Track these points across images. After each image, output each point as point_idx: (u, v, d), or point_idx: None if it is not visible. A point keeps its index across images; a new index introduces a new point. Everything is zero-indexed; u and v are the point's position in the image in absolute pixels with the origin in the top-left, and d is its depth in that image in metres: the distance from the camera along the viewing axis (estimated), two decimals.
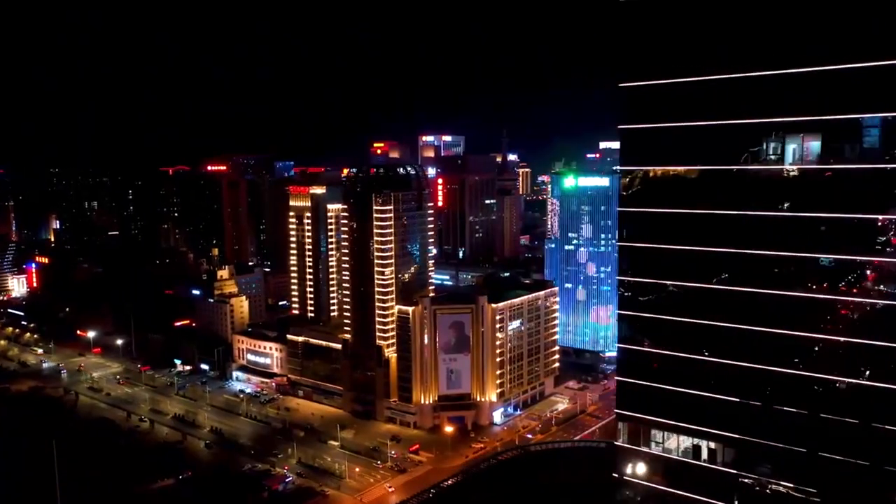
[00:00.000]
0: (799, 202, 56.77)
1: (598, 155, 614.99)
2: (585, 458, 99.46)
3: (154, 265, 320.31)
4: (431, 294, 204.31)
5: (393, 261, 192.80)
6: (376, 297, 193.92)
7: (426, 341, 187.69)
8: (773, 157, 55.96)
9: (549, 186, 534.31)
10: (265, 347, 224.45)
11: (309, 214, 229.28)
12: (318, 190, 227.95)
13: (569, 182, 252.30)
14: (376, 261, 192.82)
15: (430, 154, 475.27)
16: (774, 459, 57.19)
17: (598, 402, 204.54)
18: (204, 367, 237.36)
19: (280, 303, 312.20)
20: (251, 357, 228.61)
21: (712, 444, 57.99)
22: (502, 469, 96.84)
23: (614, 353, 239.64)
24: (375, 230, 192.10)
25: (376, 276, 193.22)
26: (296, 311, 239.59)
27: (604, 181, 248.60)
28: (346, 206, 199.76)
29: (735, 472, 58.55)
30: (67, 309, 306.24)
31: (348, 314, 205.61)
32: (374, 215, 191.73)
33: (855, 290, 57.07)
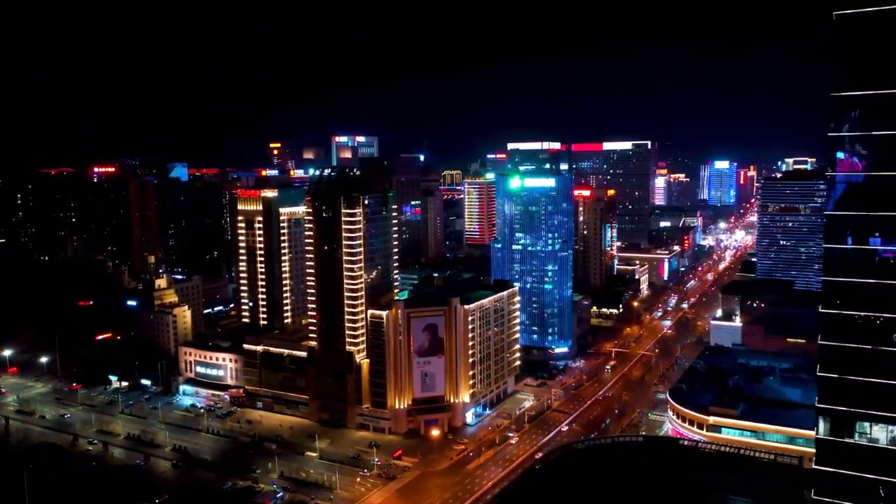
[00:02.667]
0: None
1: (504, 155, 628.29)
2: (628, 452, 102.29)
3: (65, 275, 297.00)
4: (397, 297, 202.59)
5: (363, 265, 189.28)
6: (345, 302, 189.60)
7: (400, 345, 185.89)
8: None
9: (464, 186, 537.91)
10: (217, 358, 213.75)
11: (260, 219, 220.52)
12: (271, 193, 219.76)
13: (515, 183, 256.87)
14: (346, 265, 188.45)
15: (348, 155, 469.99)
16: None
17: (563, 397, 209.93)
18: (145, 382, 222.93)
19: (205, 310, 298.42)
20: (201, 369, 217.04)
21: None
22: (554, 470, 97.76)
23: (564, 349, 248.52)
24: (344, 234, 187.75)
25: (346, 281, 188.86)
26: (246, 320, 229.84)
27: (549, 182, 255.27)
28: (310, 210, 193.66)
29: None
30: None
31: (309, 320, 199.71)
32: (343, 219, 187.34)
33: None
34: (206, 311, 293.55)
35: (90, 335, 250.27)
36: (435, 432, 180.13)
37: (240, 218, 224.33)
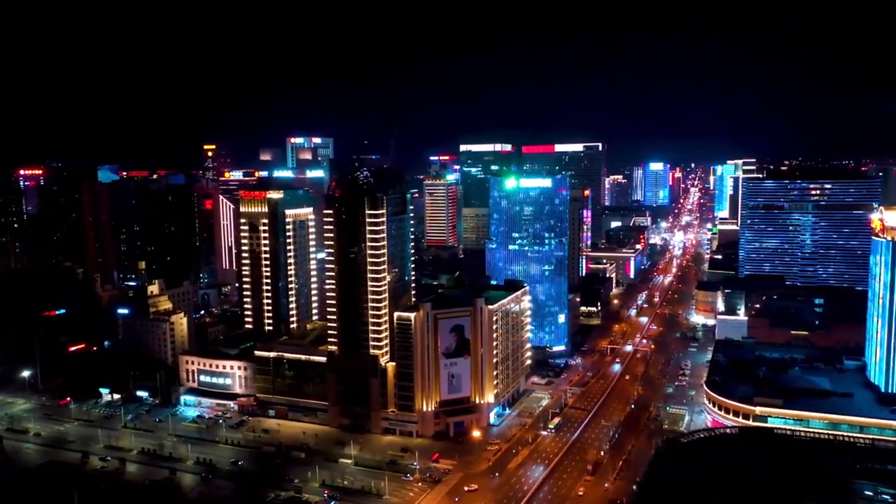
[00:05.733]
0: None
1: (448, 157, 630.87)
2: (734, 443, 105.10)
3: (26, 284, 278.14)
4: (414, 298, 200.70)
5: (386, 266, 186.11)
6: (369, 304, 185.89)
7: (428, 347, 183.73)
8: None
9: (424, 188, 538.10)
10: (225, 367, 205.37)
11: (265, 221, 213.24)
12: (276, 195, 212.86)
13: (510, 183, 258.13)
14: (370, 267, 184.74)
15: (307, 156, 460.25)
16: None
17: (578, 393, 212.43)
18: (141, 393, 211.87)
19: None
20: (205, 378, 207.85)
21: None
22: (674, 463, 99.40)
23: (561, 347, 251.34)
24: (368, 235, 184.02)
25: (370, 284, 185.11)
26: (249, 326, 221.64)
27: (546, 182, 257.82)
28: (330, 210, 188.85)
29: None
30: None
31: (329, 323, 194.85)
32: (367, 220, 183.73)
33: None
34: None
35: (63, 347, 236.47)
36: (476, 433, 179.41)
37: (243, 221, 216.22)
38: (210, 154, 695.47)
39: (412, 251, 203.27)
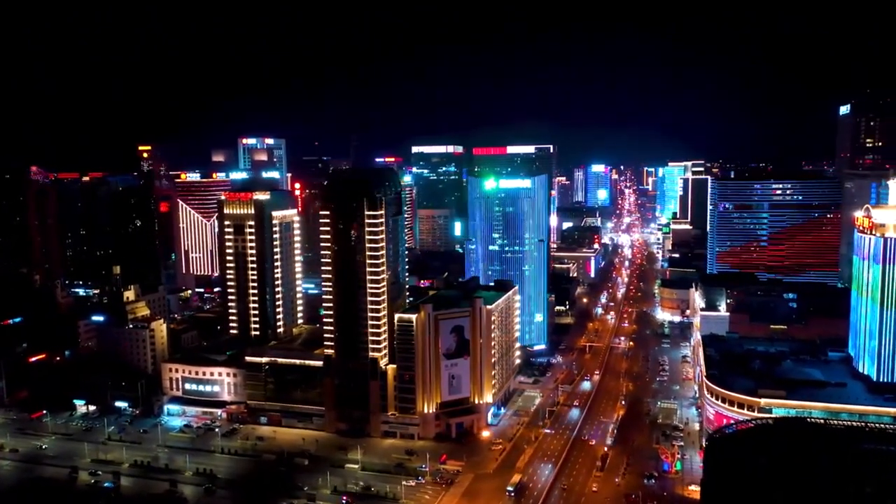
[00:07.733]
0: None
1: (393, 158, 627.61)
2: (775, 433, 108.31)
3: None
4: (409, 299, 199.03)
5: (385, 268, 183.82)
6: (369, 306, 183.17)
7: (429, 348, 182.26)
8: None
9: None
10: (212, 374, 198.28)
11: (251, 223, 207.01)
12: (263, 196, 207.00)
13: (489, 184, 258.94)
14: (369, 268, 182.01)
15: (263, 157, 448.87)
16: None
17: (569, 392, 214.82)
18: (120, 404, 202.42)
19: None
20: (190, 386, 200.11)
21: None
22: (728, 453, 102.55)
23: (542, 346, 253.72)
24: (368, 236, 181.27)
25: (369, 285, 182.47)
26: (234, 331, 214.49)
27: (525, 183, 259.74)
28: (327, 211, 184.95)
29: None
30: None
31: (325, 327, 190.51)
32: (367, 220, 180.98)
33: None
34: None
35: (23, 357, 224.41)
36: (485, 434, 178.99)
37: (227, 223, 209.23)
38: (146, 155, 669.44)
39: (408, 251, 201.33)
